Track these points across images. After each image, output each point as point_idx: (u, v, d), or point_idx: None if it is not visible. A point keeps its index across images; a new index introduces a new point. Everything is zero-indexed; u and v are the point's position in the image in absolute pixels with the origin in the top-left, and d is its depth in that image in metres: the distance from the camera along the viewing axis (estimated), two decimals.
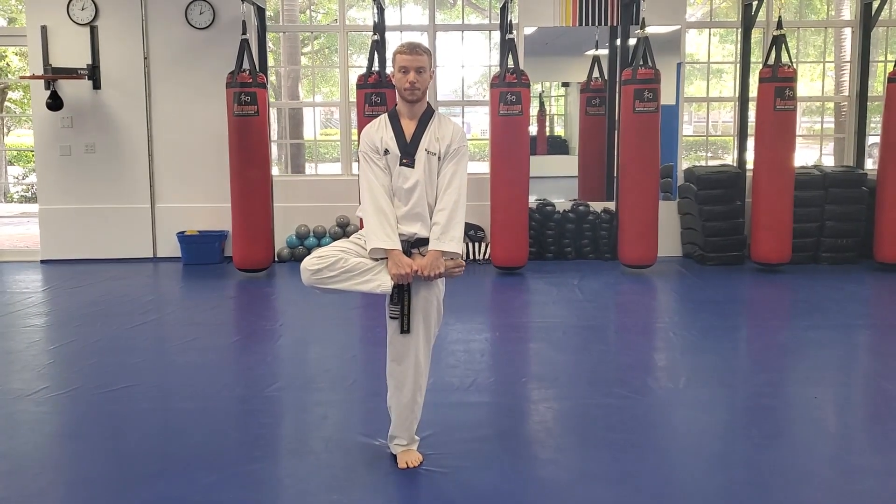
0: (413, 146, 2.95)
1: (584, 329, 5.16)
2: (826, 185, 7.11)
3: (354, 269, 2.89)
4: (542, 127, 8.82)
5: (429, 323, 3.01)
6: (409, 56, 2.92)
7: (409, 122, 2.99)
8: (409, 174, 2.94)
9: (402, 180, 2.94)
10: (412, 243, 2.95)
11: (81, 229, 7.47)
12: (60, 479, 3.05)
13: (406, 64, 2.91)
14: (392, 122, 3.01)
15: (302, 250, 7.46)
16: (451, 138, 2.97)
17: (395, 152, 2.95)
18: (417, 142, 2.96)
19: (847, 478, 2.99)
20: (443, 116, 3.07)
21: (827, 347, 4.71)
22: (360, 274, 2.90)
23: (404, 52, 2.93)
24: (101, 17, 7.31)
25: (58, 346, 4.78)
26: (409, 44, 2.97)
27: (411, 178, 2.93)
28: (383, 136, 2.98)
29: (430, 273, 2.87)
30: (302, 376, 4.18)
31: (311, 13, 11.98)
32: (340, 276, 2.88)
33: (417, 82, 2.92)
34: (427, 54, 2.96)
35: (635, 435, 3.35)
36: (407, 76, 2.92)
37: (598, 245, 7.43)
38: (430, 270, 2.87)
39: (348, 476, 2.97)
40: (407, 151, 2.94)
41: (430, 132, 2.97)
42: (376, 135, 2.99)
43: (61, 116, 7.34)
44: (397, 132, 2.97)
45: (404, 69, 2.92)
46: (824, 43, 9.13)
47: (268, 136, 6.86)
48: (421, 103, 2.98)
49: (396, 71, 2.95)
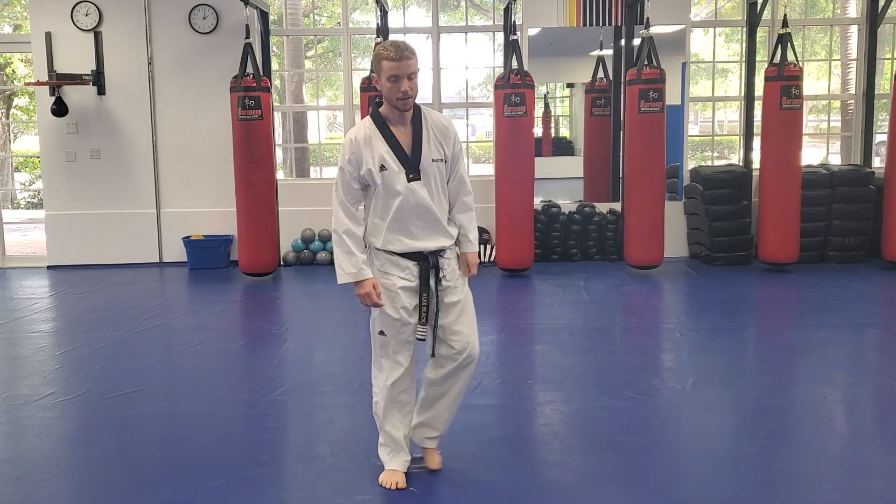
0: (416, 158, 2.71)
1: (590, 330, 5.14)
2: (833, 184, 7.08)
3: (400, 348, 2.83)
4: (546, 128, 8.81)
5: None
6: (399, 63, 2.61)
7: (402, 129, 2.73)
8: (419, 189, 2.71)
9: (413, 197, 2.70)
10: (436, 252, 2.80)
11: (87, 235, 7.49)
12: (67, 485, 3.05)
13: (396, 72, 2.61)
14: (383, 132, 2.71)
15: (307, 254, 7.46)
16: (451, 138, 2.79)
17: (395, 168, 2.69)
18: (419, 152, 2.72)
19: (856, 478, 2.96)
20: (431, 112, 2.81)
21: (835, 347, 4.68)
22: (404, 343, 2.84)
23: (391, 59, 2.62)
24: (104, 22, 7.33)
25: (64, 352, 4.79)
26: (395, 48, 2.63)
27: (421, 193, 2.71)
28: (377, 149, 2.70)
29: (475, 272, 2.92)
30: (308, 380, 4.18)
31: (314, 17, 12.00)
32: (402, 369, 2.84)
33: (411, 90, 2.64)
34: (414, 55, 2.66)
35: (642, 437, 3.33)
36: (399, 85, 2.62)
37: (604, 246, 7.41)
38: (475, 270, 2.92)
39: (354, 480, 2.96)
40: (411, 165, 2.70)
41: (428, 138, 2.74)
42: (365, 149, 2.70)
43: (66, 122, 7.37)
44: (392, 144, 2.70)
45: (395, 77, 2.62)
46: (830, 41, 9.09)
47: (272, 140, 6.87)
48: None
49: (384, 80, 2.64)
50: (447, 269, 2.83)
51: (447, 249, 2.83)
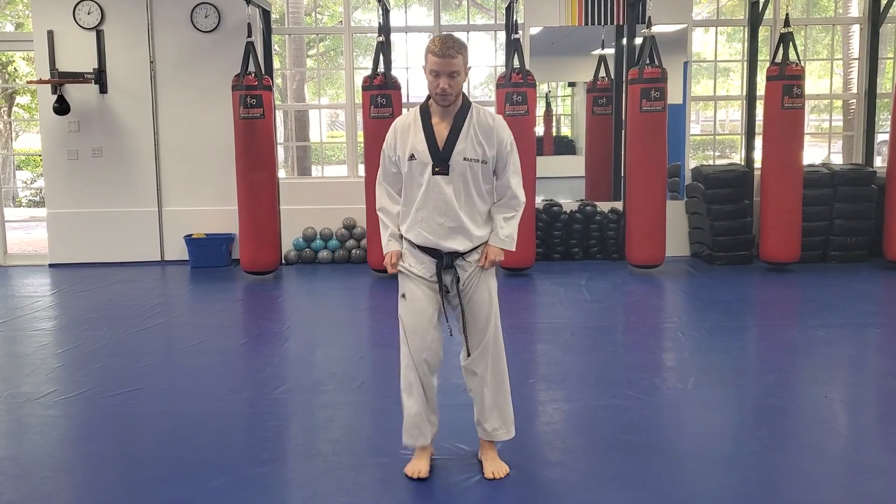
0: (447, 152, 2.69)
1: (592, 330, 5.14)
2: (835, 184, 7.07)
3: (415, 328, 2.88)
4: (548, 127, 8.80)
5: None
6: (441, 60, 2.60)
7: (442, 122, 2.72)
8: (444, 184, 2.69)
9: (436, 190, 2.70)
10: (452, 255, 2.78)
11: (89, 233, 7.49)
12: (69, 483, 3.05)
13: (437, 68, 2.62)
14: (423, 122, 2.72)
15: (309, 252, 7.46)
16: (495, 140, 2.72)
17: (425, 160, 2.70)
18: (451, 147, 2.69)
19: (858, 478, 2.96)
20: (481, 111, 2.76)
21: (836, 346, 4.68)
22: (417, 326, 2.87)
23: (436, 54, 2.62)
24: (106, 21, 7.33)
25: (66, 350, 4.79)
26: (443, 43, 2.62)
27: (446, 189, 2.69)
28: (411, 138, 2.72)
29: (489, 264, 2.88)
30: (309, 379, 4.18)
31: (316, 15, 12.00)
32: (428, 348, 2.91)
33: (450, 88, 2.64)
34: (462, 54, 2.64)
35: (644, 436, 3.33)
36: (438, 81, 2.63)
37: (605, 245, 7.40)
38: (488, 264, 2.88)
39: (356, 478, 2.96)
40: (440, 159, 2.68)
41: (467, 135, 2.70)
42: (402, 135, 2.74)
43: (68, 121, 7.37)
44: (428, 135, 2.70)
45: (435, 73, 2.64)
46: (832, 40, 9.08)
47: (274, 139, 6.86)
48: (455, 102, 2.71)
49: (427, 73, 2.66)
50: (465, 274, 2.84)
51: (470, 253, 2.81)
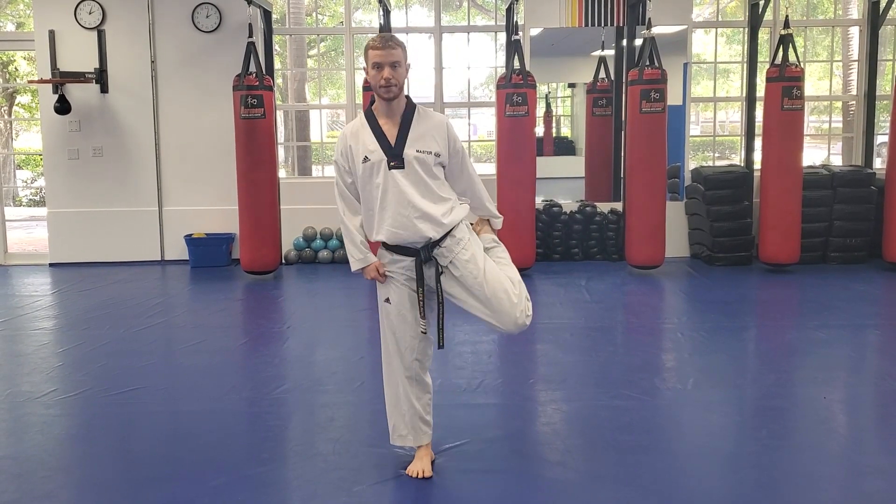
0: (399, 148, 2.76)
1: (591, 330, 5.15)
2: (834, 185, 7.08)
3: (406, 345, 2.90)
4: (548, 128, 8.81)
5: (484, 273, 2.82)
6: (382, 51, 2.71)
7: (389, 122, 2.79)
8: (401, 177, 2.75)
9: (394, 184, 2.75)
10: (429, 247, 2.80)
11: (89, 232, 7.50)
12: (69, 482, 3.05)
13: (379, 59, 2.71)
14: (371, 124, 2.80)
15: (309, 252, 7.47)
16: (450, 137, 2.82)
17: (379, 158, 2.76)
18: (403, 143, 2.76)
19: (857, 478, 2.97)
20: (428, 111, 2.86)
21: (836, 347, 4.69)
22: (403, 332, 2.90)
23: (376, 48, 2.73)
24: (108, 21, 7.34)
25: (66, 349, 4.80)
26: (381, 37, 2.75)
27: (404, 182, 2.75)
28: (362, 141, 2.79)
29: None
30: (309, 378, 4.18)
31: (317, 16, 12.01)
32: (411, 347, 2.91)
33: (393, 78, 2.72)
34: (401, 47, 2.75)
35: (644, 436, 3.34)
36: (381, 73, 2.71)
37: (605, 246, 7.41)
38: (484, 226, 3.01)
39: (356, 478, 2.96)
40: (394, 154, 2.75)
41: (416, 131, 2.78)
42: (353, 140, 2.80)
43: (69, 120, 7.38)
44: (378, 135, 2.78)
45: (377, 65, 2.72)
46: (832, 42, 9.09)
47: (274, 139, 6.87)
48: (399, 100, 2.78)
49: (370, 68, 2.74)
50: (452, 254, 2.81)
51: (444, 239, 2.81)
